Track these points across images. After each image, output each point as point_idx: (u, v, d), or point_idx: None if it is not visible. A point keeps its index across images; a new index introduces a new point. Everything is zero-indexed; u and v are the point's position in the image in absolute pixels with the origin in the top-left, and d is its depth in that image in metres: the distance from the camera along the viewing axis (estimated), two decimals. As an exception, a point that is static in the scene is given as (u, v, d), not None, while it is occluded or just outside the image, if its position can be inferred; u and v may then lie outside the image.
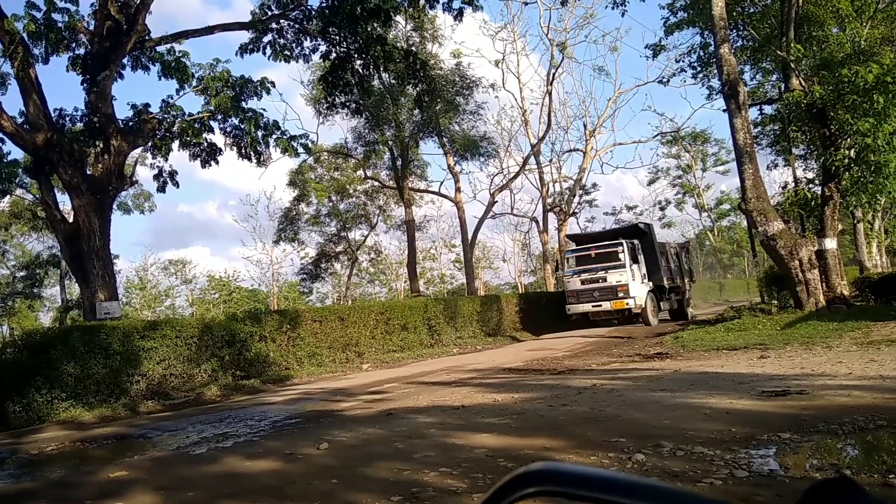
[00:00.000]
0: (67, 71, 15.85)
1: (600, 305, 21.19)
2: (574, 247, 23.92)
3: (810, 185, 18.64)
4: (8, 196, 23.86)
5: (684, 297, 24.73)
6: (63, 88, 66.88)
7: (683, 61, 23.45)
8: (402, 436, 6.17)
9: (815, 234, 16.38)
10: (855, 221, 27.21)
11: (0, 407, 9.95)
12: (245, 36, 17.55)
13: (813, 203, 17.07)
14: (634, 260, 21.17)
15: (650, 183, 55.67)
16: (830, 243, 15.98)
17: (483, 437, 5.79)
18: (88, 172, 14.83)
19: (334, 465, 5.29)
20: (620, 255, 21.04)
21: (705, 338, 13.80)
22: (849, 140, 15.36)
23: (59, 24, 14.88)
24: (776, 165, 26.57)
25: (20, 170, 16.71)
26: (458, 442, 5.70)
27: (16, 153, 24.80)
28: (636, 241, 21.85)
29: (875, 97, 14.41)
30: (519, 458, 4.89)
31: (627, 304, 20.61)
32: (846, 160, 15.37)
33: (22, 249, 41.38)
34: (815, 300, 14.83)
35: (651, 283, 21.72)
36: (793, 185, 18.87)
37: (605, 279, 21.11)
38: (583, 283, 21.64)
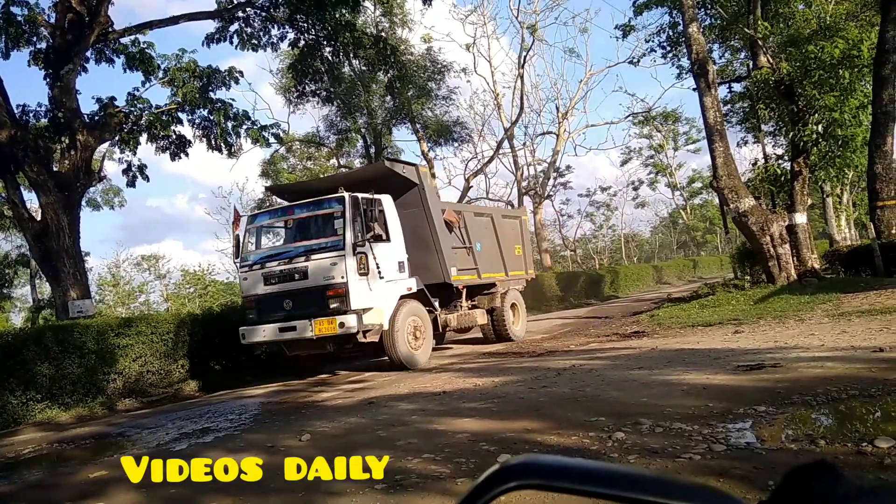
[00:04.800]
0: (29, 66, 15.44)
1: (293, 328, 10.23)
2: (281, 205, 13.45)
3: (780, 161, 18.89)
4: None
5: (503, 304, 13.75)
6: (26, 84, 65.24)
7: (653, 41, 23.39)
8: (383, 424, 6.18)
9: (785, 209, 16.63)
10: (824, 196, 27.62)
11: (-27, 411, 9.77)
12: (211, 25, 17.27)
13: (783, 179, 17.33)
14: (370, 232, 10.19)
15: (623, 164, 56.00)
16: (800, 218, 16.24)
17: (465, 422, 5.82)
18: (55, 169, 14.54)
19: (317, 455, 5.27)
20: (336, 225, 10.43)
21: (680, 315, 13.98)
22: (816, 115, 15.60)
23: (19, 18, 14.51)
24: (746, 142, 26.92)
25: (-17, 168, 16.33)
26: (441, 428, 5.72)
27: (-22, 151, 24.19)
28: (378, 198, 10.77)
29: (841, 72, 14.64)
30: (501, 441, 4.93)
31: (344, 324, 9.83)
32: (814, 135, 15.61)
33: (-11, 249, 40.50)
34: (787, 274, 15.08)
35: (415, 281, 11.18)
36: (763, 161, 19.10)
37: (304, 272, 10.30)
38: (268, 281, 10.70)
